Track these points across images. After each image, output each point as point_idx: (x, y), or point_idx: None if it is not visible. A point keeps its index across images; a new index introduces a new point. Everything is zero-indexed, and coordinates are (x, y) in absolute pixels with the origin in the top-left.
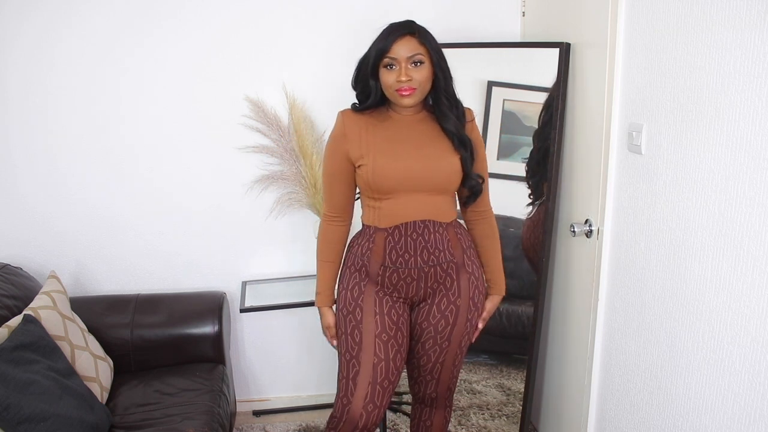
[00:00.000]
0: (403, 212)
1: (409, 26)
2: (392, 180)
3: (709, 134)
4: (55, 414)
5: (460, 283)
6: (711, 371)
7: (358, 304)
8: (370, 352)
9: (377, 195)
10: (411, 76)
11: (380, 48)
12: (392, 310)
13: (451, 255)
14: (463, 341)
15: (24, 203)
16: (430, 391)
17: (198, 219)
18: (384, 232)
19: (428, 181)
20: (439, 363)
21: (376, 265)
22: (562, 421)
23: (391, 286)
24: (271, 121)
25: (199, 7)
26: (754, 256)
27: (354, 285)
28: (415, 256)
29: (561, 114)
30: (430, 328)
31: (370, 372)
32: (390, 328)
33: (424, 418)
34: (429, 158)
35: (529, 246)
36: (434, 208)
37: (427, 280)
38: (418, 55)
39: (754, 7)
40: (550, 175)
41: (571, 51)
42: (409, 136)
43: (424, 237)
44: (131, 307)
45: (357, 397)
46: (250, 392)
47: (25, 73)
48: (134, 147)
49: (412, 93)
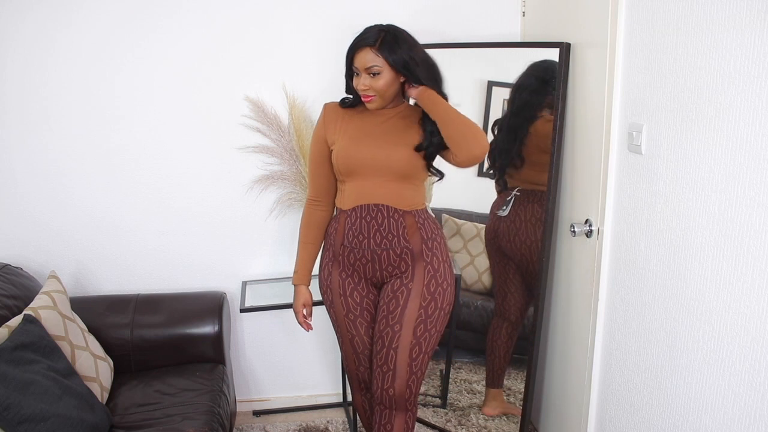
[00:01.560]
0: (362, 195)
1: (369, 38)
2: (353, 162)
3: (709, 134)
4: (55, 414)
5: (415, 270)
6: (711, 371)
7: (329, 285)
8: (343, 329)
9: (342, 177)
10: (368, 85)
11: (347, 57)
12: (354, 292)
13: (406, 242)
14: (418, 330)
15: (24, 203)
16: (387, 386)
17: (198, 219)
18: (345, 213)
19: (387, 167)
20: (393, 350)
21: (338, 245)
22: (562, 421)
23: (350, 266)
24: (271, 121)
25: (199, 6)
26: (754, 256)
27: (325, 265)
28: (368, 238)
29: (561, 114)
30: (383, 307)
31: (349, 346)
32: (354, 308)
33: (384, 422)
34: (391, 147)
35: (510, 246)
36: (393, 194)
37: (381, 263)
38: (374, 66)
39: (754, 7)
40: (551, 175)
41: (571, 51)
42: (380, 126)
43: (377, 220)
44: (131, 307)
45: (349, 362)
46: (250, 392)
47: (25, 72)
48: (134, 147)
49: (372, 99)
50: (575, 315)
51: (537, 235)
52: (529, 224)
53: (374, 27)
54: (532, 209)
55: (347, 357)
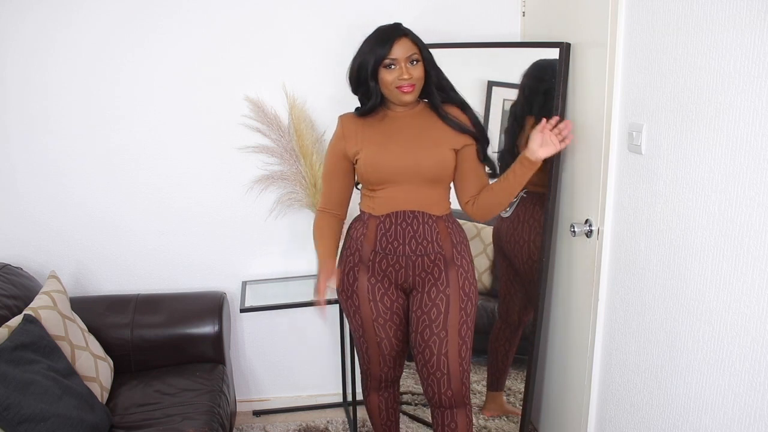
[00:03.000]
0: (395, 202)
1: (401, 29)
2: (383, 172)
3: (709, 134)
4: (55, 414)
5: (449, 274)
6: (711, 371)
7: (354, 290)
8: (371, 333)
9: (372, 186)
10: (411, 74)
11: (381, 51)
12: (385, 297)
13: (440, 247)
14: (462, 330)
15: (24, 203)
16: (445, 389)
17: (198, 219)
18: (377, 219)
19: (418, 173)
20: (444, 355)
21: (368, 250)
22: (562, 421)
23: (381, 272)
24: (271, 121)
25: (199, 6)
26: (754, 256)
27: (349, 269)
28: (403, 245)
29: (561, 114)
30: (424, 317)
31: (376, 349)
32: (384, 313)
33: (447, 422)
34: (419, 151)
35: (510, 247)
36: (426, 200)
37: (415, 269)
38: (414, 54)
39: (754, 7)
40: (551, 175)
41: (571, 51)
42: (403, 131)
43: (413, 227)
44: (131, 307)
45: (373, 364)
46: (250, 392)
47: (25, 73)
48: (134, 147)
49: (413, 89)
50: (575, 315)
51: (533, 237)
52: (527, 225)
53: (390, 24)
54: (533, 211)
55: (371, 359)
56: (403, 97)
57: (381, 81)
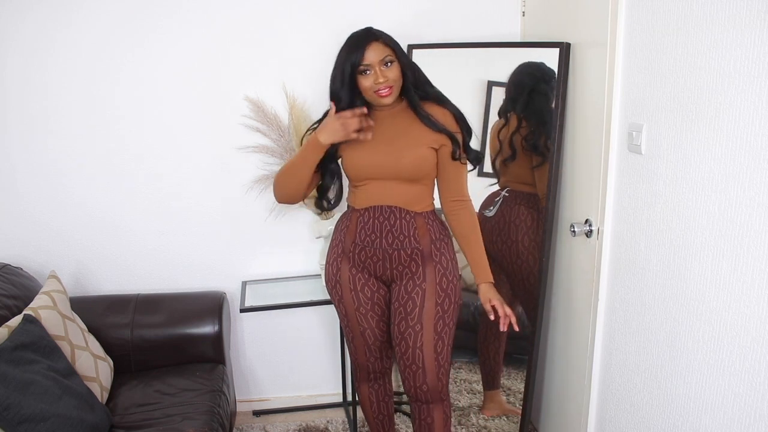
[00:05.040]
0: (374, 197)
1: (372, 32)
2: (363, 170)
3: (709, 134)
4: (55, 414)
5: (426, 270)
6: (711, 371)
7: (338, 279)
8: (354, 322)
9: (355, 182)
10: (386, 76)
11: (354, 58)
12: (366, 287)
13: (417, 242)
14: (438, 326)
15: (24, 203)
16: (420, 383)
17: (198, 219)
18: (358, 212)
19: (397, 171)
20: (419, 348)
21: (350, 241)
22: (562, 421)
23: (360, 263)
24: (271, 121)
25: (199, 6)
26: (754, 256)
27: (333, 260)
28: (380, 238)
29: (561, 114)
30: (401, 309)
31: (360, 339)
32: (366, 303)
33: (423, 416)
34: (399, 150)
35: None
36: (405, 197)
37: (392, 262)
38: (387, 56)
39: (754, 7)
40: (551, 175)
41: (571, 51)
42: (382, 131)
43: (390, 221)
44: (131, 307)
45: (359, 354)
46: (250, 392)
47: (25, 73)
48: (134, 147)
49: (390, 92)
50: (575, 315)
51: (521, 237)
52: (513, 226)
53: (361, 30)
54: (518, 211)
55: (358, 350)
56: (381, 101)
57: (361, 88)
